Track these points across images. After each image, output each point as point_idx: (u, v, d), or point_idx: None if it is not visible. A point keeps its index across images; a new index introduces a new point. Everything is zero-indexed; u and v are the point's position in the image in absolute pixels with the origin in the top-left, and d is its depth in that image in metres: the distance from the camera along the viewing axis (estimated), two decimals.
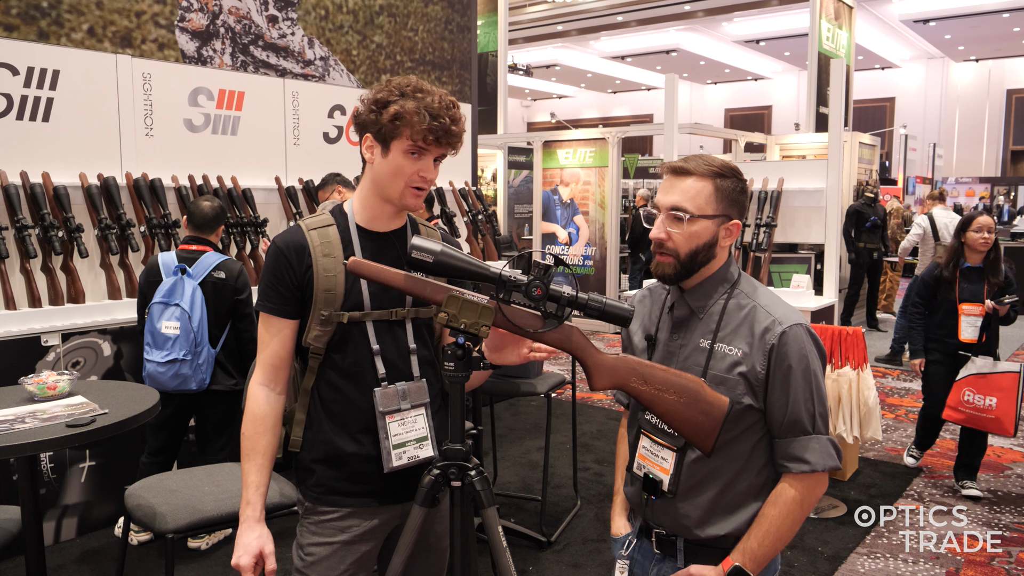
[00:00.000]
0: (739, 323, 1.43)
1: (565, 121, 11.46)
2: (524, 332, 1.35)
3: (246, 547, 1.47)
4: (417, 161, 1.49)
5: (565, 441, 4.55)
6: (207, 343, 3.08)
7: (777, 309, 1.43)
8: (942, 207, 6.85)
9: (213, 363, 3.13)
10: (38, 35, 3.81)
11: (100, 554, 3.23)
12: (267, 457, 1.53)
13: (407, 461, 1.55)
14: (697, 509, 1.44)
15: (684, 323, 1.48)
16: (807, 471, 1.40)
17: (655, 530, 1.50)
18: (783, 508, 1.40)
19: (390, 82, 1.51)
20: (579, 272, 8.66)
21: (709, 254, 1.43)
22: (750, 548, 1.39)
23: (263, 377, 1.54)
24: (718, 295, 1.46)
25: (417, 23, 5.58)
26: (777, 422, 1.41)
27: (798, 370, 1.39)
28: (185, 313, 3.03)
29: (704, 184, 1.41)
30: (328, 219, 1.57)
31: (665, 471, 1.44)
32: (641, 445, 1.50)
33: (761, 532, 1.40)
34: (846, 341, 3.64)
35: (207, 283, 3.11)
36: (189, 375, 3.03)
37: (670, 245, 1.42)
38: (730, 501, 1.43)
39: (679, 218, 1.40)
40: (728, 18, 14.59)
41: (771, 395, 1.40)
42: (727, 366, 1.41)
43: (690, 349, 1.45)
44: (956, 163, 18.56)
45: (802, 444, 1.40)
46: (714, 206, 1.41)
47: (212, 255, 3.18)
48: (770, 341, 1.39)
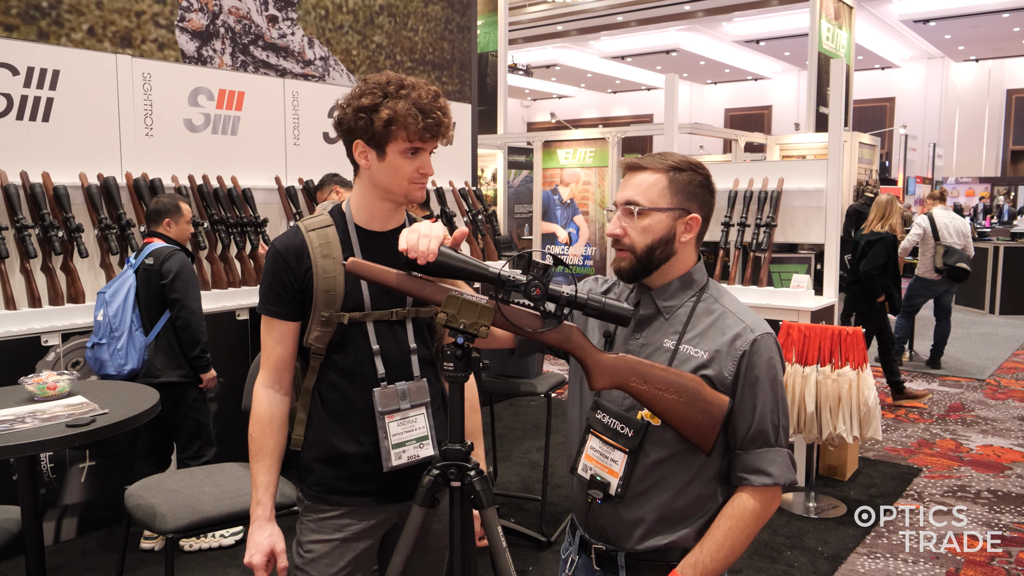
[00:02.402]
0: (707, 327, 1.40)
1: (565, 121, 11.46)
2: (524, 332, 1.35)
3: (258, 546, 1.49)
4: (414, 159, 1.50)
5: (565, 441, 4.54)
6: (128, 329, 3.09)
7: (747, 316, 1.41)
8: (942, 207, 6.84)
9: (141, 350, 3.13)
10: (38, 35, 3.81)
11: (100, 554, 3.23)
12: (275, 457, 1.54)
13: (407, 460, 1.55)
14: (642, 517, 1.39)
15: (648, 322, 1.44)
16: (769, 484, 1.35)
17: (594, 546, 1.46)
18: (740, 521, 1.35)
19: (367, 82, 1.49)
20: (579, 272, 8.66)
21: (667, 250, 1.40)
22: (702, 561, 1.33)
23: (267, 379, 1.55)
24: (687, 297, 1.43)
25: (417, 23, 5.58)
26: (741, 433, 1.37)
27: (766, 380, 1.36)
28: (104, 300, 3.12)
29: (657, 177, 1.39)
30: (327, 220, 1.57)
31: (614, 474, 1.39)
32: (589, 446, 1.44)
33: (715, 545, 1.34)
34: (846, 341, 3.63)
35: (140, 270, 3.18)
36: (105, 359, 3.08)
37: (626, 241, 1.40)
38: (677, 511, 1.39)
39: (631, 212, 1.39)
40: (728, 18, 14.58)
41: (737, 404, 1.36)
42: (692, 368, 1.37)
43: (652, 349, 1.42)
44: (956, 163, 18.55)
45: (764, 456, 1.36)
46: (668, 199, 1.39)
47: (153, 244, 3.22)
48: (741, 348, 1.36)
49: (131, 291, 3.15)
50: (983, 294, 9.95)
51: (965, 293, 9.71)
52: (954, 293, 6.81)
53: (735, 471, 1.39)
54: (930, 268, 6.54)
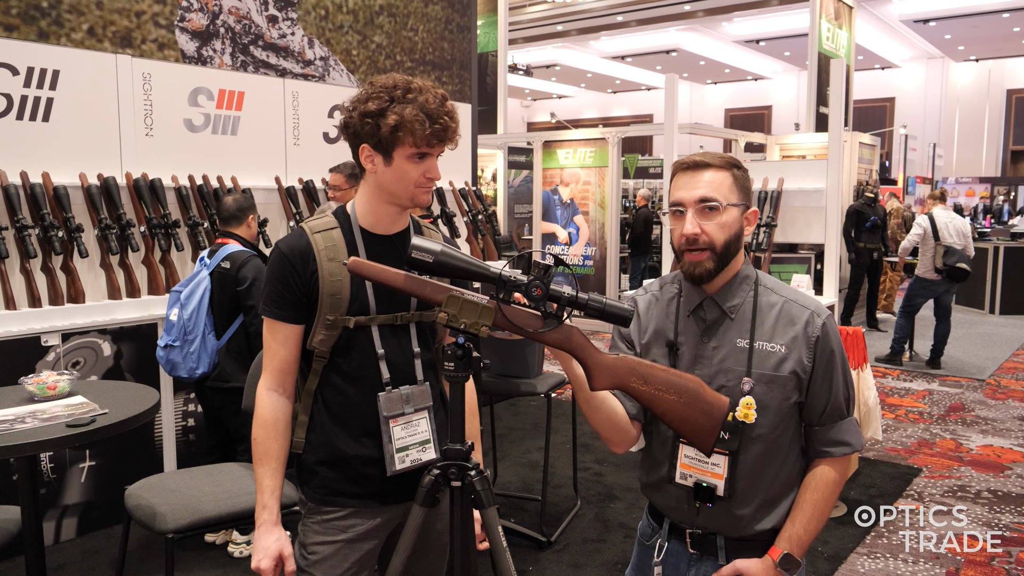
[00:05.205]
0: (775, 320, 1.44)
1: (565, 121, 11.45)
2: (524, 332, 1.35)
3: (266, 550, 1.48)
4: (421, 163, 1.49)
5: (565, 441, 4.55)
6: (202, 332, 3.09)
7: (807, 301, 1.46)
8: (942, 207, 6.83)
9: (212, 354, 3.13)
10: (38, 35, 3.81)
11: (100, 554, 3.23)
12: (280, 461, 1.53)
13: (410, 464, 1.56)
14: (750, 508, 1.44)
15: (717, 325, 1.46)
16: (848, 453, 1.44)
17: (688, 530, 1.49)
18: (824, 492, 1.42)
19: (374, 84, 1.48)
20: (579, 272, 8.65)
21: (737, 245, 1.44)
22: (796, 535, 1.41)
23: (271, 382, 1.54)
24: (745, 293, 1.46)
25: (417, 23, 5.58)
26: (819, 411, 1.43)
27: (838, 359, 1.44)
28: (179, 300, 3.11)
29: (724, 175, 1.43)
30: (331, 222, 1.56)
31: (719, 476, 1.43)
32: (683, 454, 1.46)
33: (805, 517, 1.42)
34: (846, 341, 3.63)
35: (215, 273, 3.15)
36: (178, 362, 3.08)
37: (704, 239, 1.40)
38: (775, 495, 1.45)
39: (711, 209, 1.40)
40: (728, 18, 14.58)
41: (814, 386, 1.42)
42: (774, 364, 1.41)
43: (726, 351, 1.44)
44: (956, 163, 18.55)
45: (842, 428, 1.44)
46: (737, 195, 1.43)
47: (230, 246, 3.19)
48: (814, 334, 1.42)
49: (206, 294, 3.13)
50: (983, 294, 9.95)
51: (965, 293, 9.72)
52: (954, 293, 6.81)
53: (814, 445, 1.46)
54: (930, 268, 6.54)
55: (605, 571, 3.09)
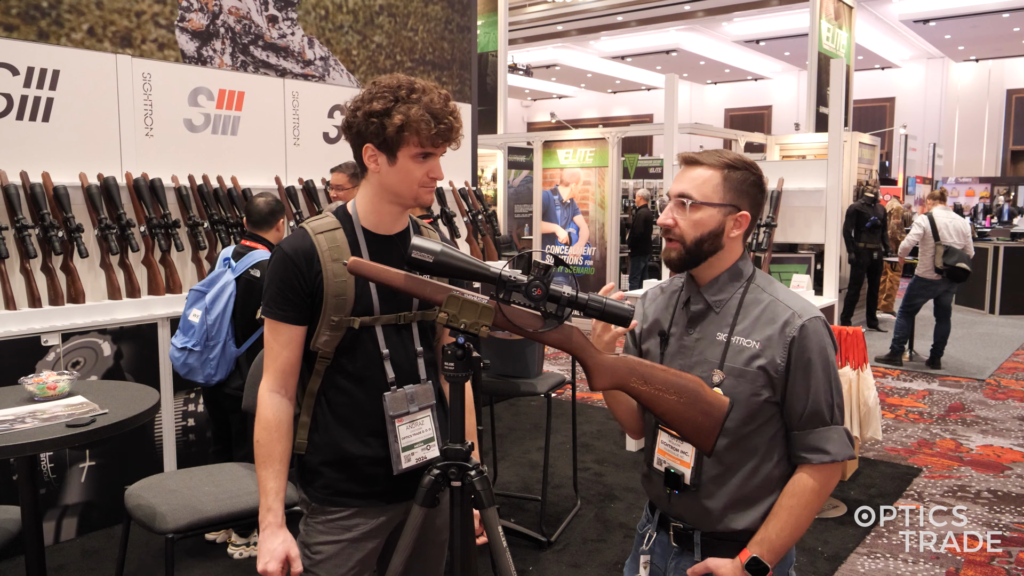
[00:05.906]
0: (757, 316, 1.45)
1: (565, 121, 11.45)
2: (524, 332, 1.35)
3: (272, 553, 1.48)
4: (425, 163, 1.50)
5: (565, 441, 4.55)
6: (223, 339, 3.01)
7: (795, 302, 1.45)
8: (942, 207, 6.83)
9: (231, 362, 3.06)
10: (38, 35, 3.81)
11: (100, 554, 3.23)
12: (283, 463, 1.53)
13: (415, 463, 1.56)
14: (718, 502, 1.45)
15: (701, 317, 1.49)
16: (827, 461, 1.41)
17: (672, 523, 1.51)
18: (801, 499, 1.41)
19: (377, 84, 1.48)
20: (579, 272, 8.65)
21: (715, 244, 1.45)
22: (768, 539, 1.41)
23: (274, 384, 1.53)
24: (734, 289, 1.48)
25: (417, 23, 5.58)
26: (797, 414, 1.43)
27: (818, 362, 1.41)
28: (203, 302, 3.01)
29: (712, 173, 1.44)
30: (333, 222, 1.55)
31: (686, 464, 1.45)
32: (660, 440, 1.51)
33: (779, 523, 1.41)
34: (846, 341, 3.63)
35: (242, 280, 3.06)
36: (196, 367, 3.01)
37: (676, 231, 1.45)
38: (749, 494, 1.45)
39: (684, 204, 1.43)
40: (728, 18, 14.59)
41: (791, 387, 1.42)
42: (745, 359, 1.42)
43: (706, 343, 1.47)
44: (956, 163, 18.55)
45: (822, 435, 1.42)
46: (720, 195, 1.43)
47: (259, 253, 3.10)
48: (790, 334, 1.41)
49: (231, 300, 3.04)
50: (983, 294, 9.95)
51: (965, 293, 9.71)
52: (954, 293, 6.81)
53: (794, 451, 1.45)
54: (930, 268, 6.54)
55: (605, 571, 3.09)
